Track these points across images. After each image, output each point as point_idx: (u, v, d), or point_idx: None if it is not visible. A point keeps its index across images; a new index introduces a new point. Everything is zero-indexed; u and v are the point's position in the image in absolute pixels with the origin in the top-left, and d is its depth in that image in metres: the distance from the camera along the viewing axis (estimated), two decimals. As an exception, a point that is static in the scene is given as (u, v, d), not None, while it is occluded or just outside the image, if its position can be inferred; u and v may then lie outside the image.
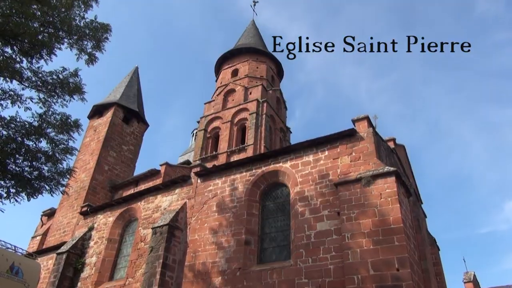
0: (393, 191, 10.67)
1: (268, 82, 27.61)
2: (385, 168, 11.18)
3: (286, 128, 27.38)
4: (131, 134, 24.71)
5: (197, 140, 25.64)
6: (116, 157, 23.10)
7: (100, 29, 10.62)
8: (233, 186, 14.05)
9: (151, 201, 16.18)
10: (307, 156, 13.06)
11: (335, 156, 12.51)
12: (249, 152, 22.15)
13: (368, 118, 12.75)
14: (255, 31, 32.56)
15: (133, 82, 27.15)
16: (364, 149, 12.14)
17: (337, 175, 12.08)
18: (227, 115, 25.20)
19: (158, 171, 20.45)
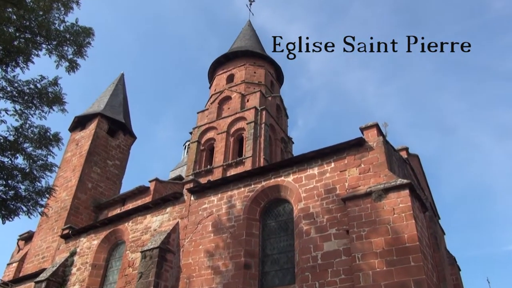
0: (407, 205, 10.65)
1: (267, 88, 27.72)
2: (397, 181, 11.17)
3: (288, 138, 27.41)
4: (117, 148, 24.68)
5: (189, 153, 25.63)
6: (101, 174, 23.03)
7: (82, 33, 10.68)
8: (230, 203, 14.01)
9: (139, 222, 16.09)
10: (311, 168, 13.04)
11: (342, 168, 12.50)
12: (247, 165, 22.13)
13: (378, 126, 12.77)
14: (251, 33, 32.79)
15: (119, 91, 27.20)
16: (374, 160, 12.14)
17: (345, 189, 12.06)
18: (222, 125, 25.23)
19: (147, 188, 20.37)
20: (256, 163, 22.34)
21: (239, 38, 32.19)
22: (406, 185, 10.96)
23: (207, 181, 18.92)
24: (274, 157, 24.42)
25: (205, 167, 24.17)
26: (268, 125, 24.53)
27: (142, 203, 17.54)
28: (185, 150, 41.07)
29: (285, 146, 26.66)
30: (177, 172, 34.14)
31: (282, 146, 26.27)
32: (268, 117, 24.98)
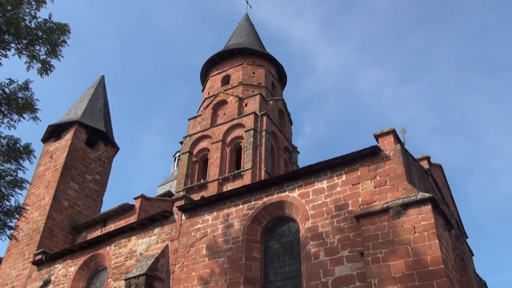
0: (430, 223, 10.63)
1: (267, 90, 27.82)
2: (418, 195, 11.16)
3: (292, 147, 27.43)
4: (96, 161, 24.68)
5: (180, 166, 25.63)
6: (79, 190, 23.00)
7: (56, 31, 10.74)
8: (227, 222, 13.97)
9: (123, 245, 16.05)
10: (319, 182, 13.04)
11: (355, 181, 12.49)
12: (247, 179, 22.12)
13: (395, 132, 12.79)
14: (249, 28, 32.97)
15: (99, 95, 27.27)
16: (391, 171, 12.14)
17: (358, 205, 12.05)
18: (217, 133, 25.27)
19: (132, 206, 20.35)
20: (256, 176, 22.33)
21: (235, 34, 32.36)
22: (428, 200, 10.95)
23: (201, 197, 18.84)
24: (277, 169, 24.42)
25: (198, 182, 24.15)
26: (269, 133, 24.56)
27: (126, 224, 17.48)
28: (175, 162, 41.07)
29: (290, 156, 26.66)
30: (166, 188, 34.08)
31: (286, 157, 26.28)
32: (270, 124, 25.03)
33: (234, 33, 32.68)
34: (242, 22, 34.08)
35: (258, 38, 32.34)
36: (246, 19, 34.47)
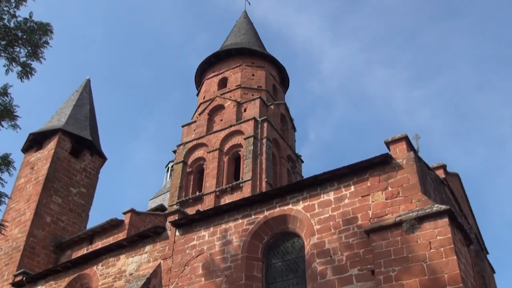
0: (447, 238, 10.63)
1: (268, 94, 27.86)
2: (434, 207, 11.17)
3: (296, 156, 27.45)
4: (82, 172, 24.69)
5: (173, 177, 25.61)
6: (63, 204, 23.00)
7: (38, 31, 10.77)
8: (226, 239, 13.97)
9: (111, 264, 16.03)
10: (326, 193, 13.05)
11: (365, 193, 12.51)
12: (246, 191, 22.11)
13: (407, 139, 12.82)
14: (248, 26, 33.06)
15: (84, 101, 27.34)
16: (403, 181, 12.16)
17: (368, 218, 12.06)
18: (213, 141, 25.28)
19: (121, 221, 20.34)
20: (256, 187, 22.31)
21: (233, 33, 32.45)
22: (445, 212, 10.95)
23: (196, 211, 18.80)
24: (279, 180, 24.42)
25: (193, 194, 24.13)
26: (270, 140, 24.58)
27: (114, 241, 17.48)
28: (167, 173, 41.00)
29: (293, 166, 26.67)
30: (158, 201, 34.01)
31: (289, 166, 26.29)
32: (271, 130, 25.05)
33: (232, 32, 32.76)
34: (240, 20, 34.17)
35: (257, 37, 32.42)
36: (245, 16, 34.57)
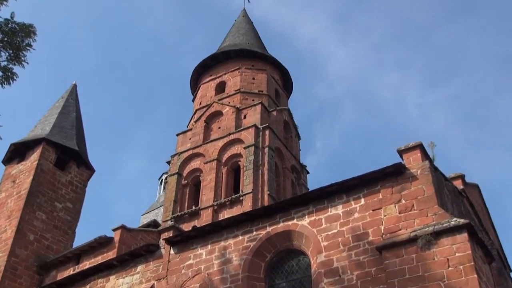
0: (466, 254, 10.61)
1: (270, 99, 27.87)
2: (451, 221, 11.14)
3: (301, 166, 27.42)
4: (68, 185, 24.65)
5: (167, 190, 25.58)
6: (47, 221, 22.94)
7: (20, 33, 10.80)
8: (225, 257, 13.96)
9: (100, 286, 16.02)
10: (333, 207, 13.03)
11: (376, 206, 12.49)
12: (247, 204, 22.07)
13: (422, 147, 12.83)
14: (248, 26, 33.16)
15: (70, 108, 27.34)
16: (418, 193, 12.14)
17: (380, 234, 12.04)
18: (211, 151, 25.27)
19: (111, 239, 20.27)
20: (258, 201, 22.28)
21: (231, 33, 32.53)
22: (464, 227, 10.94)
23: (192, 227, 18.77)
24: (283, 193, 24.38)
25: (189, 209, 24.09)
26: (273, 150, 24.56)
27: (103, 260, 17.43)
28: (161, 186, 41.02)
29: (297, 177, 26.63)
30: (151, 217, 33.99)
31: (293, 178, 26.26)
32: (273, 139, 25.04)
33: (230, 32, 32.84)
34: (239, 19, 34.26)
35: (258, 38, 32.49)
36: (244, 15, 34.66)
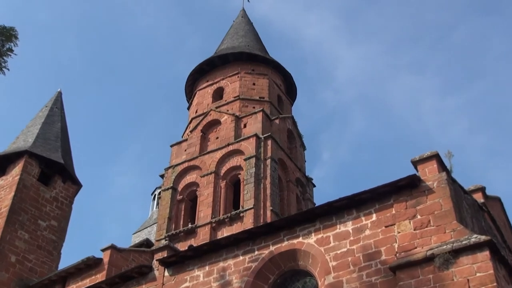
0: (488, 274, 10.56)
1: (272, 106, 27.87)
2: (472, 238, 11.11)
3: (307, 179, 27.38)
4: (53, 202, 24.63)
5: (161, 206, 25.53)
6: (30, 241, 22.91)
7: (0, 37, 10.84)
8: (224, 279, 13.94)
9: (88, 312, 15.93)
10: (342, 224, 13.02)
11: (389, 222, 12.47)
12: (248, 221, 22.03)
13: (438, 157, 12.82)
14: (247, 27, 33.23)
15: (55, 117, 27.37)
16: (435, 207, 12.11)
17: (393, 252, 12.01)
18: (208, 163, 25.25)
19: (99, 260, 20.23)
20: (260, 217, 22.24)
21: (229, 35, 32.60)
22: (485, 244, 10.90)
23: (188, 247, 18.72)
24: (287, 209, 24.33)
25: (185, 227, 24.05)
26: (276, 161, 24.54)
27: (91, 284, 17.39)
28: (154, 202, 40.98)
29: (303, 191, 26.59)
30: (143, 235, 33.93)
31: (298, 192, 26.21)
32: (276, 149, 25.02)
33: (228, 34, 32.92)
34: (238, 20, 34.34)
35: (258, 40, 32.56)
36: (243, 15, 34.74)
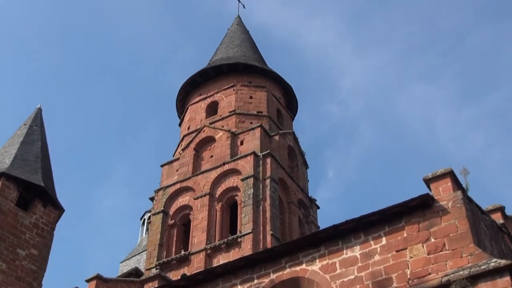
0: (510, 302, 10.54)
1: (271, 121, 27.87)
2: (491, 262, 11.08)
3: (310, 200, 27.33)
4: (33, 228, 24.57)
5: (151, 232, 25.46)
6: (8, 271, 22.84)
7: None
8: (221, 311, 13.85)
9: None
10: (349, 249, 12.99)
11: (400, 246, 12.44)
12: (246, 247, 21.97)
13: (453, 175, 12.80)
14: (243, 36, 33.32)
15: (34, 136, 27.37)
16: (450, 229, 12.09)
17: (406, 279, 11.97)
18: (202, 184, 25.21)
19: (84, 292, 20.20)
20: (259, 243, 22.18)
21: (224, 45, 32.67)
22: (506, 268, 10.86)
23: (181, 276, 18.66)
24: (289, 233, 24.28)
25: (178, 254, 23.96)
26: (276, 181, 24.51)
27: (75, 318, 17.32)
28: (143, 227, 40.81)
29: (306, 213, 26.53)
30: (132, 264, 33.78)
31: (301, 214, 26.16)
32: (276, 168, 24.99)
33: (222, 43, 32.99)
34: (233, 28, 34.43)
35: (255, 49, 32.62)
36: (238, 23, 34.84)
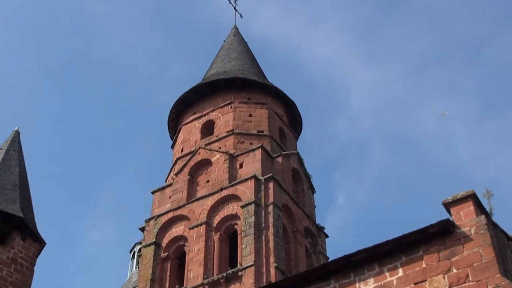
0: None
1: (273, 141, 27.86)
2: (519, 294, 11.11)
3: (317, 228, 27.29)
4: (11, 264, 24.55)
5: (142, 266, 25.43)
6: (-17, 313, 22.82)
7: None
8: None
9: None
10: (363, 282, 13.01)
11: (419, 278, 12.44)
12: (247, 282, 21.95)
13: (475, 198, 12.81)
14: (241, 48, 33.40)
15: (11, 162, 27.43)
16: (473, 258, 12.09)
17: (426, 315, 11.97)
18: (198, 212, 25.20)
19: (68, 334, 20.18)
20: (262, 276, 22.15)
21: (219, 58, 32.73)
22: (536, 302, 10.90)
23: (177, 315, 18.62)
24: (295, 265, 24.25)
25: (172, 290, 23.96)
26: (279, 208, 24.50)
27: None
28: (133, 261, 40.79)
29: (313, 242, 26.50)
30: (121, 302, 33.78)
31: (308, 244, 26.13)
32: (279, 193, 24.99)
33: (218, 57, 33.04)
34: (230, 39, 34.50)
35: (255, 62, 32.67)
36: (235, 34, 34.92)
